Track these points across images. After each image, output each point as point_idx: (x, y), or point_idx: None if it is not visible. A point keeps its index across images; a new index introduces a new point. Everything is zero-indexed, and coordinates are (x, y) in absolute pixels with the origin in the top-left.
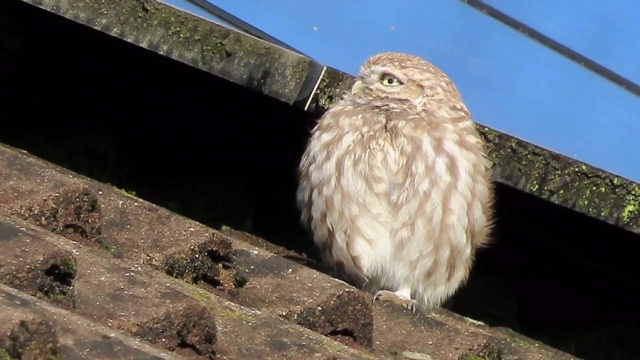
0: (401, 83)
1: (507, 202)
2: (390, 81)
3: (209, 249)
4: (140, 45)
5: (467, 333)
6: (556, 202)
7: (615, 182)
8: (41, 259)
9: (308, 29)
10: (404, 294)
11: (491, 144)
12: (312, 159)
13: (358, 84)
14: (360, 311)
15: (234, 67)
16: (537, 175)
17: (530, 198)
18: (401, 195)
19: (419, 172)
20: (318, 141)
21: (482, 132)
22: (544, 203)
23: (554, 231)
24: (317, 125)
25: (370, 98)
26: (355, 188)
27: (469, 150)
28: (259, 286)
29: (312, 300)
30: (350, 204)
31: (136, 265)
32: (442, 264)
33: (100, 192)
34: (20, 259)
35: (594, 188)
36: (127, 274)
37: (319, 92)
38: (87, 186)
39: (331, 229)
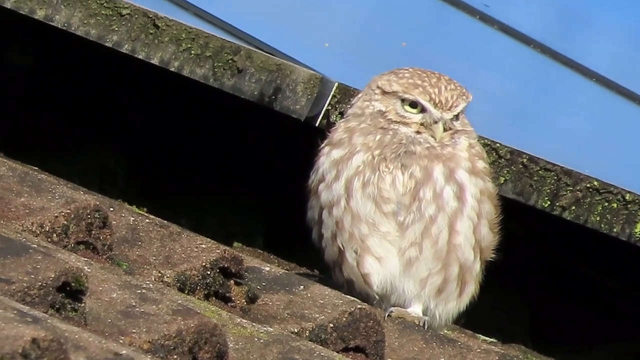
0: (464, 113)
1: (518, 218)
2: (457, 116)
3: (221, 265)
4: (152, 61)
5: (479, 350)
6: (568, 218)
7: (627, 198)
8: (52, 275)
9: (319, 45)
10: (416, 310)
11: (502, 159)
12: (321, 177)
13: (442, 129)
14: (372, 328)
15: (245, 83)
16: (548, 191)
17: (542, 214)
18: (407, 217)
19: (426, 198)
20: (327, 158)
21: (493, 147)
22: (556, 219)
23: (565, 247)
24: (327, 139)
25: (455, 136)
26: (365, 210)
27: (477, 175)
28: (270, 303)
29: (324, 317)
30: (360, 224)
31: (147, 282)
32: (452, 280)
33: (111, 209)
34: (32, 276)
35: (606, 204)
36: (139, 291)
37: (330, 108)
38: (98, 203)
39: (342, 247)
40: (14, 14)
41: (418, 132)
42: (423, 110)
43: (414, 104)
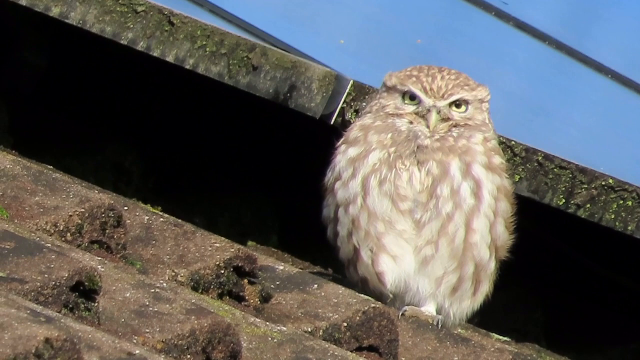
0: (468, 104)
1: (533, 216)
2: (458, 105)
3: (235, 264)
4: (166, 59)
5: (493, 349)
6: (583, 216)
7: None
8: (66, 275)
9: (334, 42)
10: (429, 309)
11: (517, 157)
12: (337, 175)
13: (436, 117)
14: (386, 327)
15: (260, 81)
16: (563, 189)
17: (557, 212)
18: (424, 215)
19: (443, 195)
20: (344, 156)
21: (508, 145)
22: (571, 217)
23: (580, 245)
24: (343, 137)
25: (454, 129)
26: (382, 208)
27: (494, 172)
28: (284, 302)
29: (337, 316)
30: (376, 222)
31: (161, 282)
32: (467, 279)
33: (125, 208)
34: (45, 276)
35: (621, 202)
36: (152, 290)
37: (345, 105)
38: (112, 202)
39: (357, 246)
40: (29, 11)
41: (411, 123)
42: (419, 100)
43: (412, 97)
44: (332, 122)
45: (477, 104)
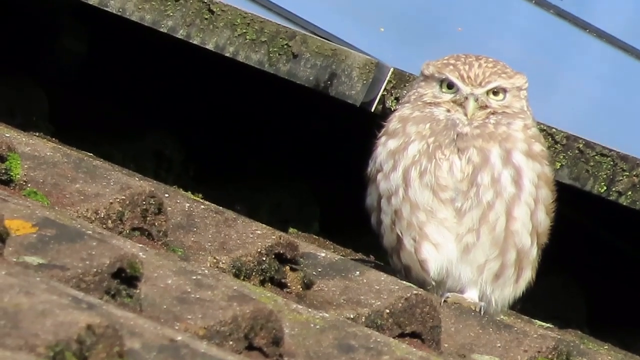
0: (506, 92)
1: (574, 203)
2: (496, 93)
3: (276, 251)
4: (207, 47)
5: (535, 335)
6: (624, 204)
7: None
8: (108, 262)
9: (374, 30)
10: (472, 296)
11: (558, 145)
12: (379, 167)
13: (474, 104)
14: (429, 313)
15: (300, 68)
16: (604, 176)
17: (598, 199)
18: (465, 203)
19: (483, 183)
20: (384, 148)
21: (549, 133)
22: (612, 204)
23: (622, 232)
24: (384, 129)
25: (491, 117)
26: (423, 199)
27: (535, 159)
28: (326, 289)
29: (379, 302)
30: (418, 212)
31: (203, 268)
32: (510, 266)
33: (166, 195)
34: (87, 262)
35: None
36: (194, 277)
37: (385, 93)
38: (153, 189)
39: (400, 235)
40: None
41: (448, 111)
42: (457, 88)
43: (450, 85)
44: (372, 110)
45: (515, 92)
